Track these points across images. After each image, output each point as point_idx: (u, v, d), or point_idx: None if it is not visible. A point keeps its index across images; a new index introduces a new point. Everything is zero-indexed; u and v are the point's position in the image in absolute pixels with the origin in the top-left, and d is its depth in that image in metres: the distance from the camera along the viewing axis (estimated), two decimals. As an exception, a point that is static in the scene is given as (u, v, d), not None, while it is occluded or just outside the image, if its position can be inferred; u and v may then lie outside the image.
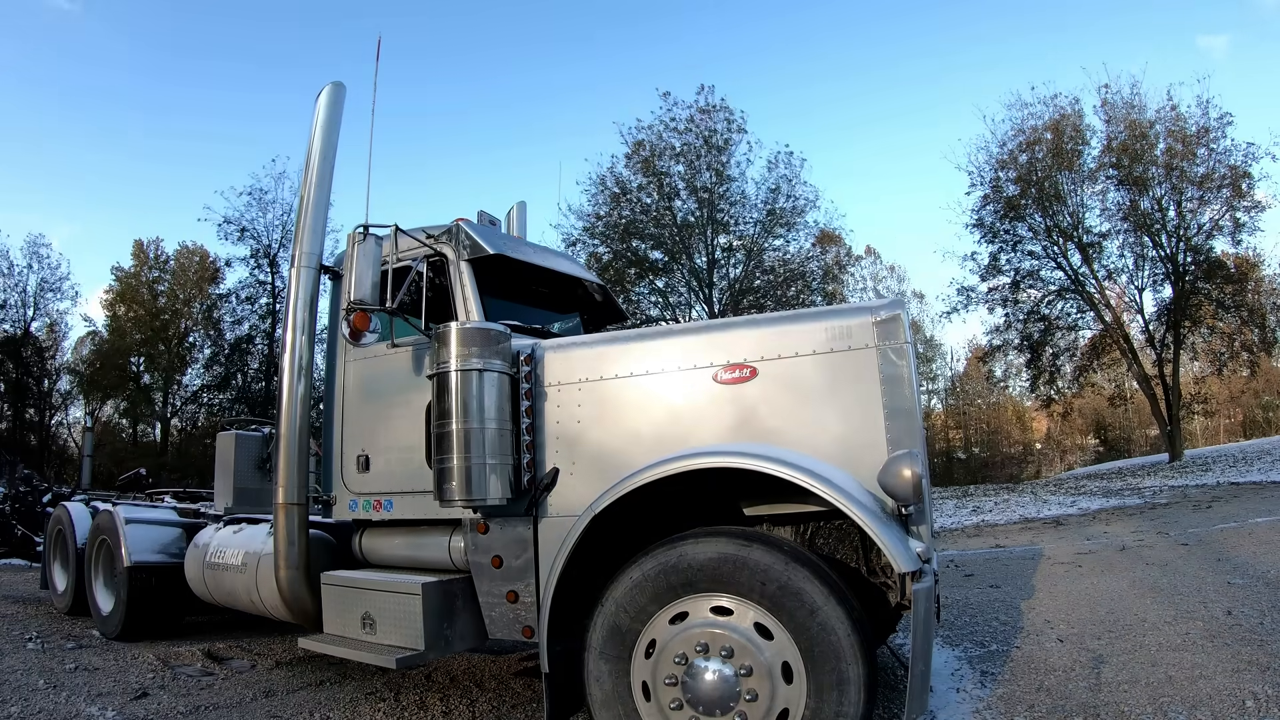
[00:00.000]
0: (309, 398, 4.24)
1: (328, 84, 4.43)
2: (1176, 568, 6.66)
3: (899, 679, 3.94)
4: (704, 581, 2.78)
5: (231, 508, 5.94)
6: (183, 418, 35.22)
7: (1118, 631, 4.76)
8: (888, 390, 2.93)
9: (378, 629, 3.65)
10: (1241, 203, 21.46)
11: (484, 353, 3.34)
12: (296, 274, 4.21)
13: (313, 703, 4.17)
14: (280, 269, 30.62)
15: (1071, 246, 23.74)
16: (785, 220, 24.76)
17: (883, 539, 2.56)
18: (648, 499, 3.04)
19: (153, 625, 5.85)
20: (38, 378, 32.70)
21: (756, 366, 3.14)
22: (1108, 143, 22.50)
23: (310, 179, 4.32)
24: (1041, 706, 3.57)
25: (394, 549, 4.07)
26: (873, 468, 2.82)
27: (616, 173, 24.42)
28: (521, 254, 4.33)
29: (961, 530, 11.89)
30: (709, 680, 2.69)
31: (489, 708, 4.05)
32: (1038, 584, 6.64)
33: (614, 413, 3.36)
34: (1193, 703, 3.42)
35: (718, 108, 24.14)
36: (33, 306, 32.15)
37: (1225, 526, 8.89)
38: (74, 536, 6.78)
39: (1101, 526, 10.44)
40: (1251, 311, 23.63)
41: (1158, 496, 13.65)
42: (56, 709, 4.11)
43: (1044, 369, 26.01)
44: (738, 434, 3.10)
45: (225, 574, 4.95)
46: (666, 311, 24.91)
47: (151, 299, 34.67)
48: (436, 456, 3.35)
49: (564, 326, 4.80)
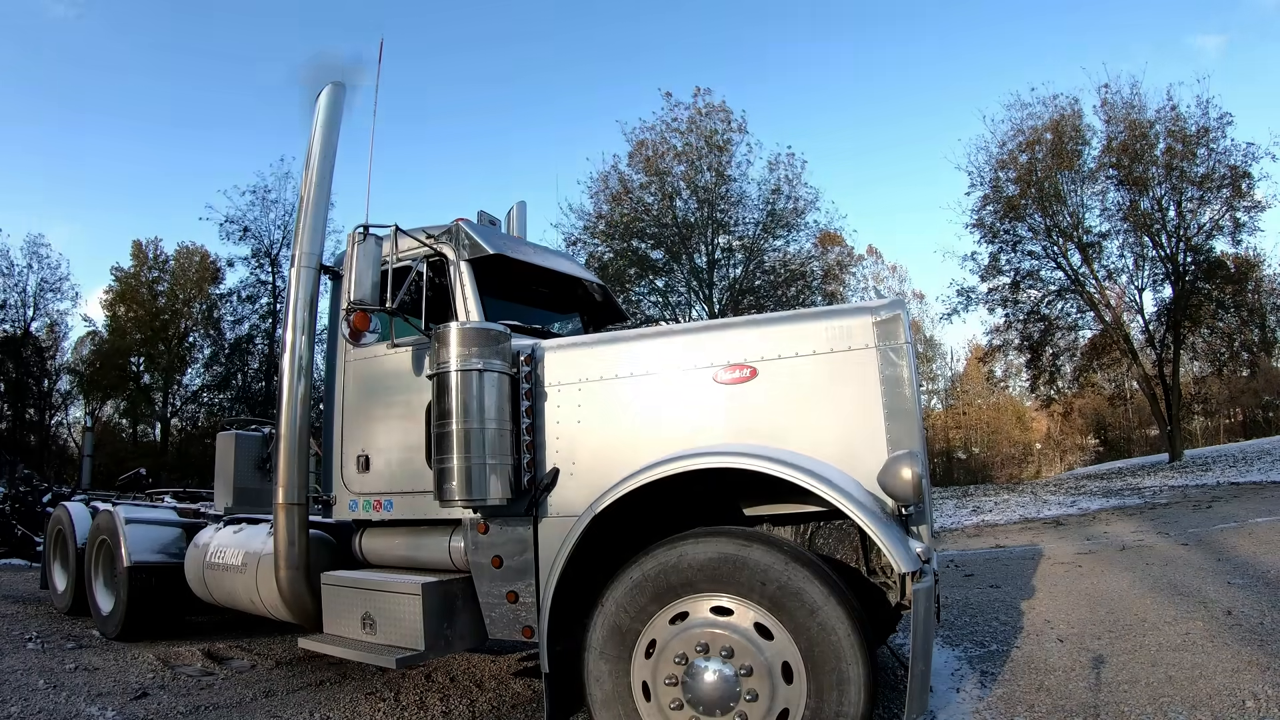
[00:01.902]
0: (309, 398, 4.23)
1: (328, 84, 4.43)
2: (1176, 568, 6.66)
3: (899, 679, 3.93)
4: (704, 581, 2.78)
5: (231, 508, 5.94)
6: (183, 418, 35.23)
7: (1118, 631, 4.76)
8: (888, 390, 2.93)
9: (378, 629, 3.64)
10: (1241, 203, 21.47)
11: (484, 353, 3.34)
12: (296, 274, 4.21)
13: (313, 703, 4.17)
14: (281, 269, 30.64)
15: (1071, 246, 23.74)
16: (785, 221, 24.77)
17: (883, 539, 2.56)
18: (648, 499, 3.04)
19: (153, 625, 5.85)
20: (38, 378, 32.70)
21: (756, 367, 3.14)
22: (1108, 143, 22.48)
23: (310, 179, 4.33)
24: (1041, 706, 3.57)
25: (394, 549, 4.07)
26: (873, 468, 2.82)
27: (620, 170, 24.46)
28: (521, 254, 4.33)
29: (961, 530, 11.89)
30: (709, 680, 2.70)
31: (489, 708, 4.05)
32: (1038, 584, 6.64)
33: (614, 413, 3.36)
34: (1193, 703, 3.42)
35: (717, 108, 24.18)
36: (33, 306, 32.19)
37: (1225, 526, 8.89)
38: (74, 536, 6.78)
39: (1101, 526, 10.44)
40: (1251, 311, 23.69)
41: (1158, 496, 13.65)
42: (56, 709, 4.11)
43: (1044, 369, 26.02)
44: (738, 434, 3.10)
45: (225, 574, 4.95)
46: (666, 311, 24.88)
47: (151, 299, 34.65)
48: (436, 456, 3.35)
49: (564, 326, 4.80)
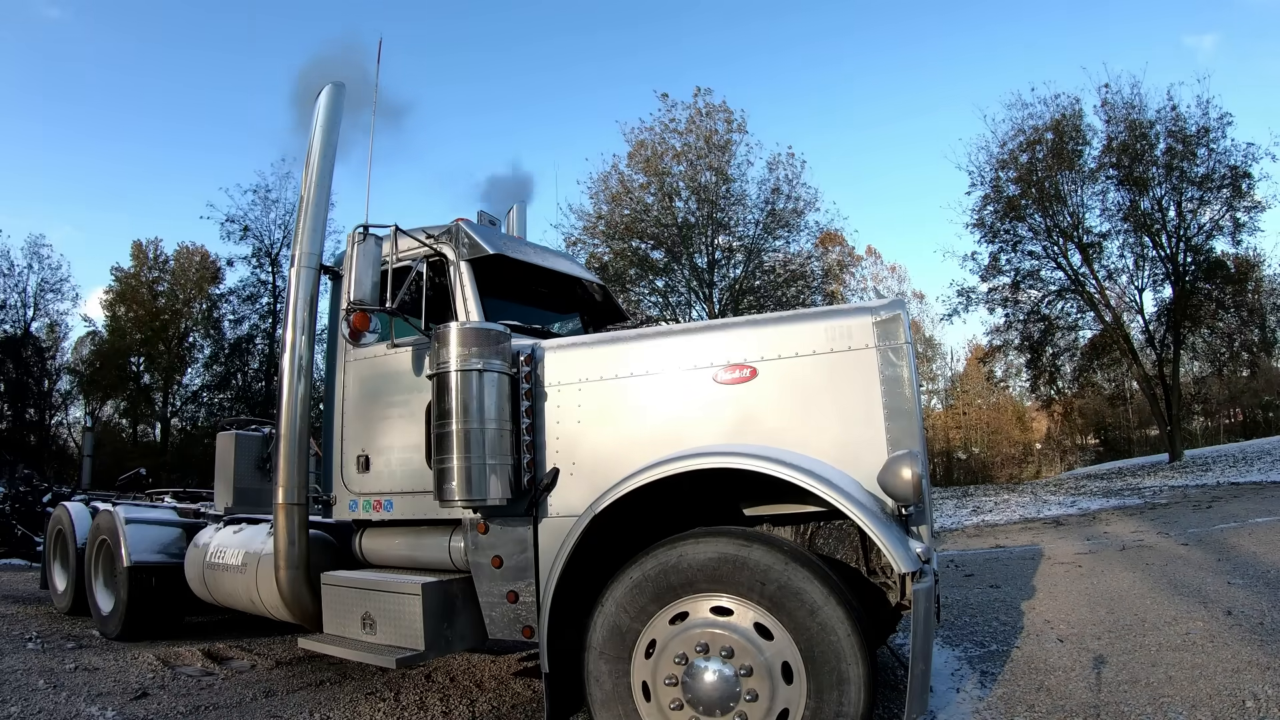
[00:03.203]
0: (309, 398, 4.24)
1: (328, 84, 4.43)
2: (1177, 568, 6.66)
3: (899, 679, 3.94)
4: (704, 581, 2.78)
5: (231, 508, 5.94)
6: (183, 418, 35.15)
7: (1118, 631, 4.76)
8: (888, 390, 2.93)
9: (378, 629, 3.64)
10: (1241, 203, 21.43)
11: (484, 353, 3.34)
12: (296, 274, 4.21)
13: (313, 703, 4.17)
14: (282, 268, 30.62)
15: (1071, 246, 23.70)
16: (785, 221, 24.76)
17: (883, 539, 2.56)
18: (648, 499, 3.04)
19: (153, 625, 5.85)
20: (38, 378, 32.65)
21: (756, 367, 3.14)
22: (1108, 143, 22.45)
23: (310, 179, 4.33)
24: (1041, 706, 3.57)
25: (394, 549, 4.07)
26: (873, 468, 2.82)
27: (620, 170, 24.44)
28: (521, 254, 4.33)
29: (961, 530, 11.89)
30: (709, 680, 2.70)
31: (489, 708, 4.05)
32: (1038, 584, 6.64)
33: (614, 413, 3.35)
34: (1193, 703, 3.42)
35: (717, 108, 24.16)
36: (33, 307, 32.17)
37: (1225, 526, 8.89)
38: (74, 536, 6.78)
39: (1101, 526, 10.43)
40: (1251, 311, 23.65)
41: (1158, 496, 13.65)
42: (56, 709, 4.11)
43: (1044, 369, 26.00)
44: (738, 434, 3.10)
45: (225, 574, 4.95)
46: (666, 311, 24.87)
47: (151, 299, 34.61)
48: (436, 457, 3.35)
49: (564, 326, 4.80)
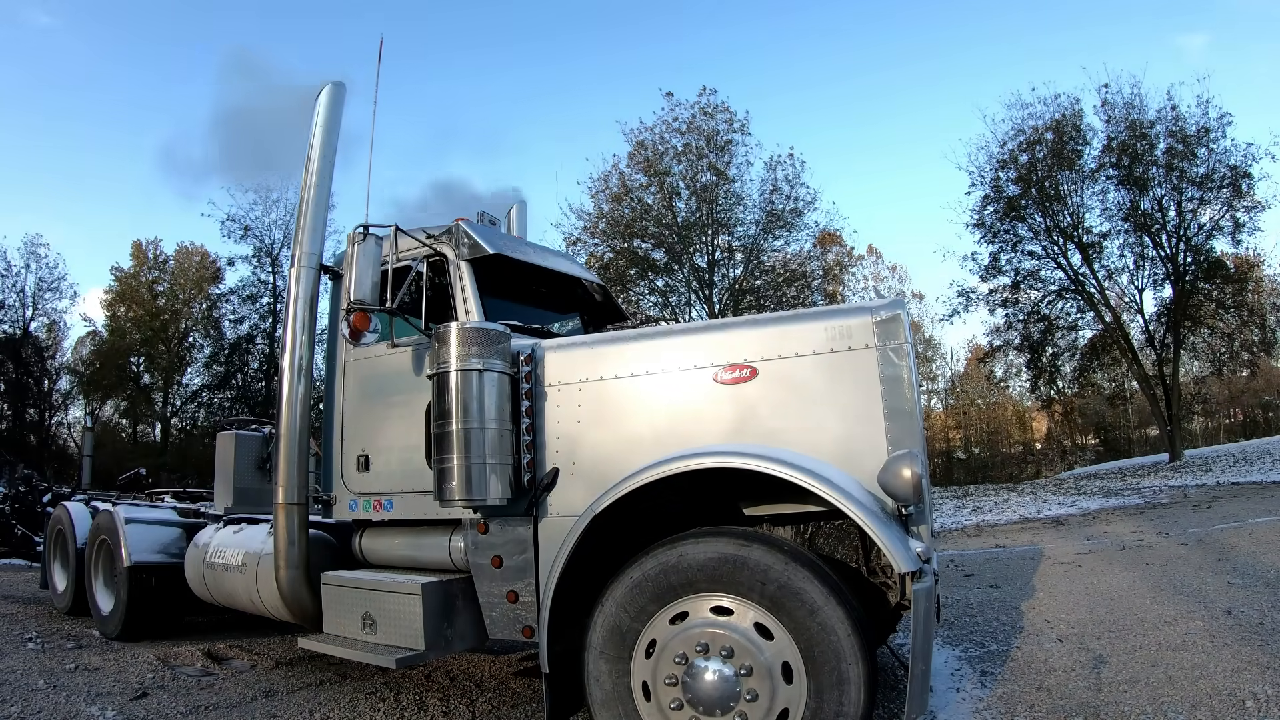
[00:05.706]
0: (309, 398, 4.24)
1: (328, 84, 4.43)
2: (1176, 568, 6.66)
3: (899, 679, 3.94)
4: (704, 581, 2.78)
5: (231, 508, 5.94)
6: (183, 418, 35.18)
7: (1118, 631, 4.76)
8: (888, 390, 2.93)
9: (378, 629, 3.65)
10: (1241, 203, 21.43)
11: (484, 353, 3.34)
12: (296, 274, 4.22)
13: (313, 703, 4.17)
14: (282, 268, 30.62)
15: (1071, 246, 23.71)
16: (785, 221, 24.76)
17: (883, 539, 2.56)
18: (648, 499, 3.04)
19: (153, 625, 5.85)
20: (38, 378, 32.68)
21: (756, 367, 3.14)
22: (1108, 143, 22.45)
23: (310, 178, 4.33)
24: (1041, 706, 3.57)
25: (394, 549, 4.07)
26: (873, 468, 2.82)
27: (620, 170, 24.44)
28: (521, 254, 4.33)
29: (961, 530, 11.89)
30: (709, 680, 2.70)
31: (489, 708, 4.05)
32: (1038, 584, 6.64)
33: (614, 413, 3.36)
34: (1193, 703, 3.42)
35: (720, 108, 24.15)
36: (31, 306, 32.19)
37: (1225, 526, 8.89)
38: (74, 536, 6.78)
39: (1101, 526, 10.43)
40: (1251, 311, 23.63)
41: (1158, 496, 13.65)
42: (56, 709, 4.11)
43: (1044, 369, 25.98)
44: (738, 434, 3.10)
45: (225, 574, 4.95)
46: (666, 311, 24.87)
47: (151, 299, 34.64)
48: (436, 456, 3.35)
49: (564, 326, 4.80)
